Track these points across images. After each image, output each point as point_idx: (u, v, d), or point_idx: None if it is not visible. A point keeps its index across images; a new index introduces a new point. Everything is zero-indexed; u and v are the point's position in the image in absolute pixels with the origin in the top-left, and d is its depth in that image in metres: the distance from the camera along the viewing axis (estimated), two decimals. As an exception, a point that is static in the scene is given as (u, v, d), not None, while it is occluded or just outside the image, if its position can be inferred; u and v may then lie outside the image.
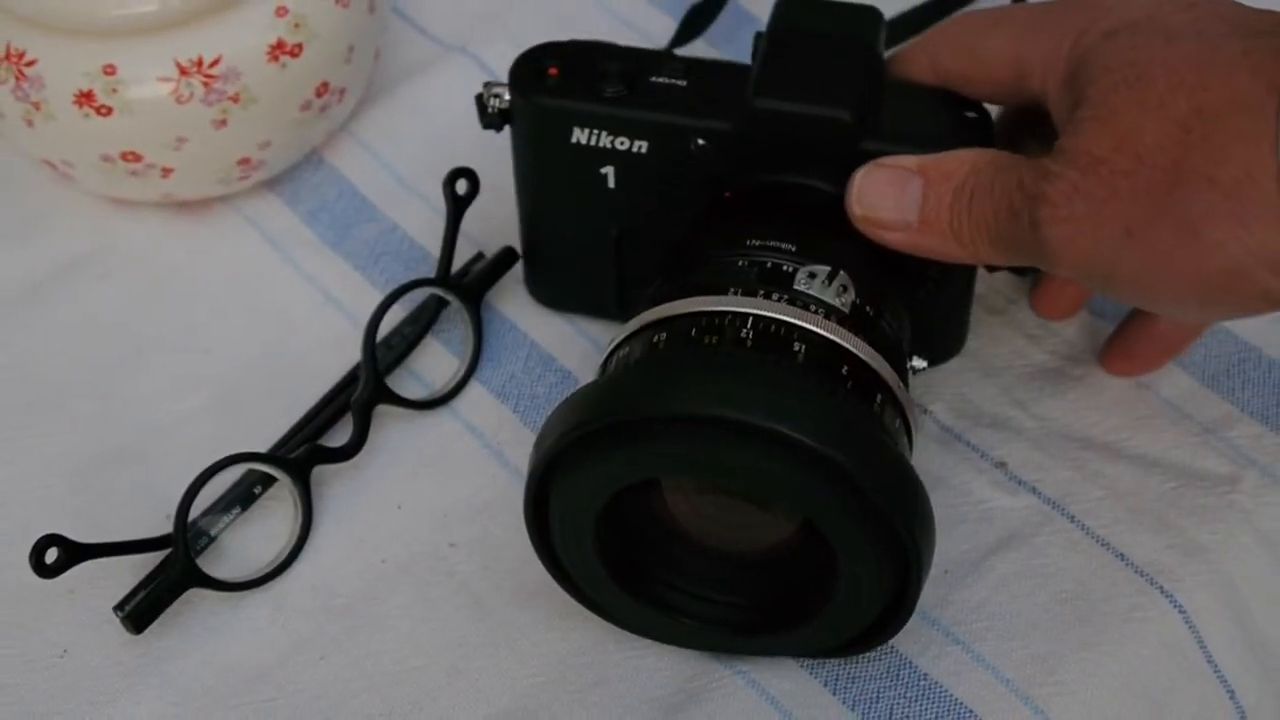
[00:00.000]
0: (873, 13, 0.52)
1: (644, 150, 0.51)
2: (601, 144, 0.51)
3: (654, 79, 0.51)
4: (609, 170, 0.52)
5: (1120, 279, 0.44)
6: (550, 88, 0.52)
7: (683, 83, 0.51)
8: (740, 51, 0.54)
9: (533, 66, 0.52)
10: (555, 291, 0.58)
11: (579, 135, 0.51)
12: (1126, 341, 0.55)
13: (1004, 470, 0.53)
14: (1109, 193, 0.43)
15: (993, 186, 0.46)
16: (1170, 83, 0.42)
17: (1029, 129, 0.51)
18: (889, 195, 0.47)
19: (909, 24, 0.64)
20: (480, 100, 0.53)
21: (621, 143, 0.51)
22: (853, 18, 0.51)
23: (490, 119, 0.53)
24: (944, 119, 0.50)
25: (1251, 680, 0.50)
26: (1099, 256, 0.44)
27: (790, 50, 0.51)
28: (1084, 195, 0.43)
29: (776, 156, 0.50)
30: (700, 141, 0.50)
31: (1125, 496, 0.52)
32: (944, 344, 0.55)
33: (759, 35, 0.51)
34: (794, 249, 0.48)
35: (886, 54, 0.52)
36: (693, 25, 0.65)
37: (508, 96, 0.53)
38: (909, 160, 0.48)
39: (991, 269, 0.53)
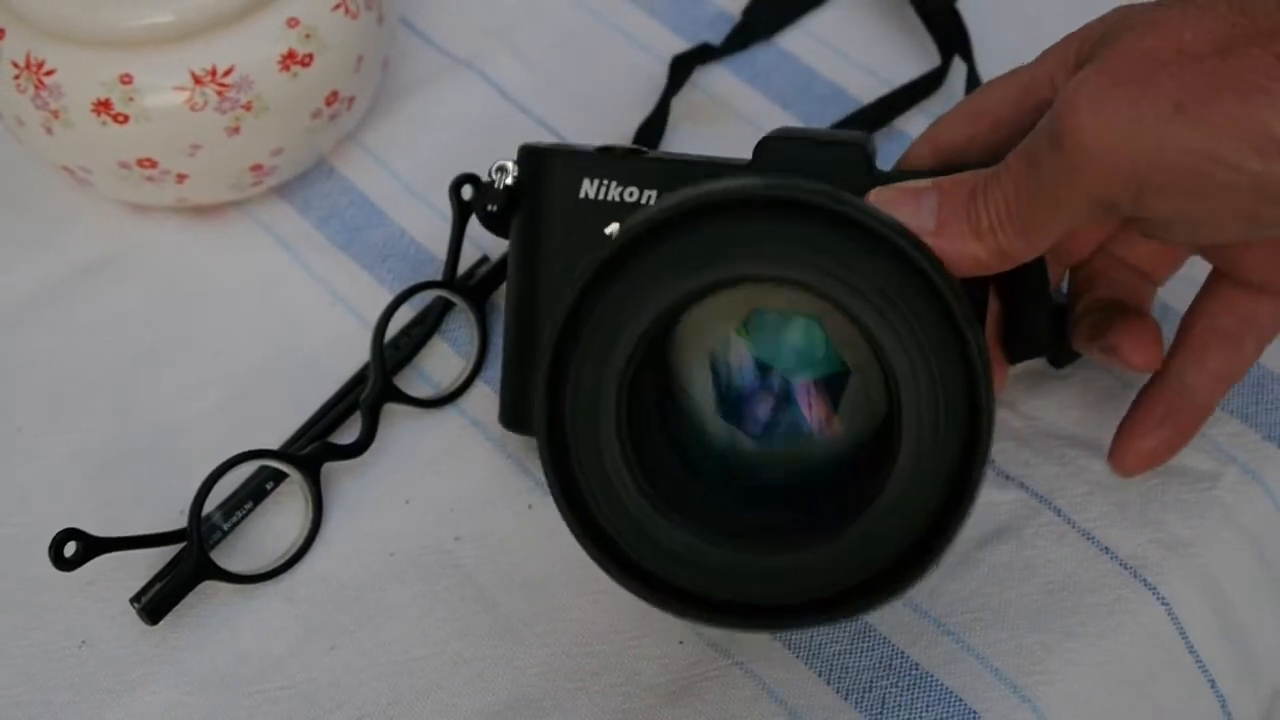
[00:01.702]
0: (865, 137, 0.50)
1: (652, 200, 0.49)
2: (610, 196, 0.50)
3: (662, 152, 0.50)
4: (615, 229, 0.50)
5: (1166, 160, 0.40)
6: (557, 151, 0.51)
7: (692, 156, 0.50)
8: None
9: (538, 144, 0.52)
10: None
11: (588, 189, 0.50)
12: (1147, 415, 0.50)
13: (992, 466, 0.53)
14: (1150, 79, 0.40)
15: (1004, 165, 0.44)
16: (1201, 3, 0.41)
17: None
18: (905, 206, 0.45)
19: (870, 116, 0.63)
20: (481, 185, 0.52)
21: (630, 194, 0.49)
22: (844, 131, 0.51)
23: (487, 195, 0.52)
24: None
25: (1231, 669, 0.51)
26: (1141, 139, 0.40)
27: (799, 131, 0.50)
28: (1120, 84, 0.40)
29: None
30: None
31: (1110, 492, 0.52)
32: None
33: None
34: None
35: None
36: (680, 72, 0.65)
37: (514, 170, 0.52)
38: (923, 180, 0.46)
39: (1015, 357, 0.51)
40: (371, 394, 0.55)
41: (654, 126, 0.63)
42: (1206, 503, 0.52)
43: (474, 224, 0.58)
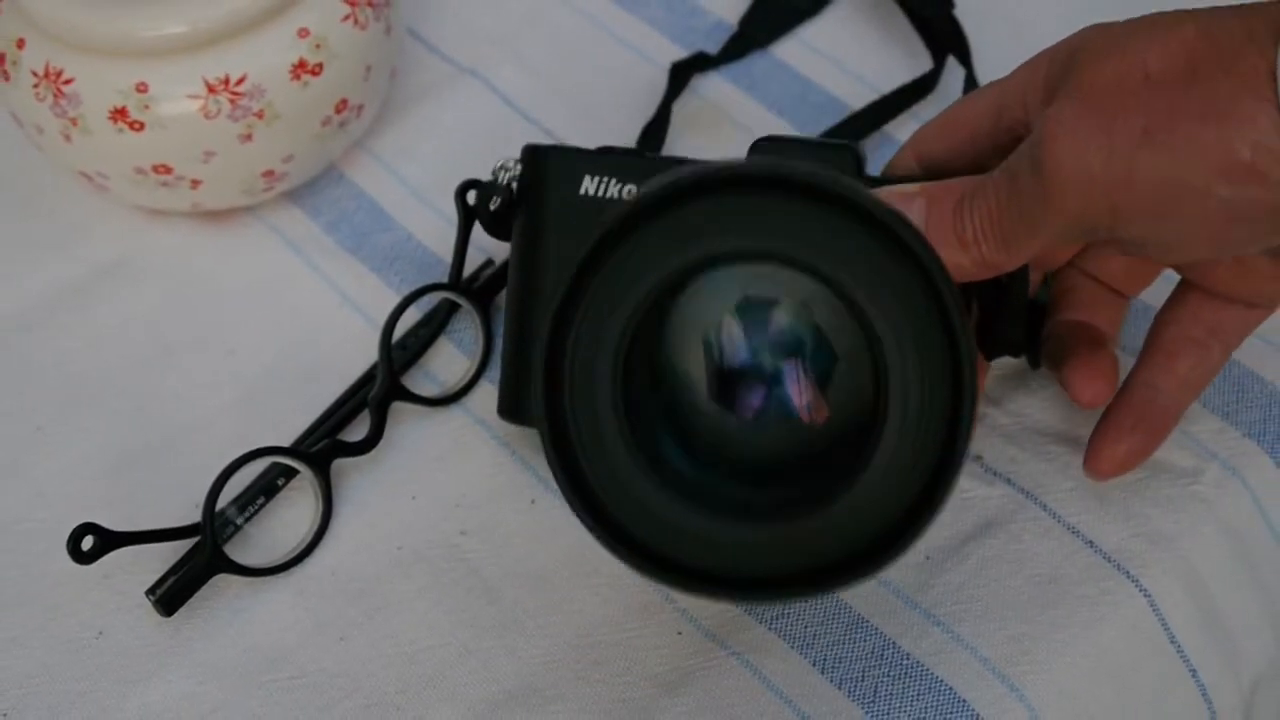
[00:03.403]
0: (850, 144, 0.51)
1: None
2: (610, 193, 0.50)
3: (660, 155, 0.50)
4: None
5: (1138, 189, 0.40)
6: (558, 150, 0.51)
7: (690, 159, 0.49)
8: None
9: (541, 145, 0.52)
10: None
11: (589, 185, 0.50)
12: (1119, 421, 0.50)
13: (980, 463, 0.53)
14: (1118, 106, 0.40)
15: (988, 179, 0.44)
16: (1169, 21, 0.41)
17: None
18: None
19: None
20: (482, 187, 0.52)
21: (629, 191, 0.50)
22: (830, 143, 0.51)
23: (491, 190, 0.52)
24: None
25: (1212, 659, 0.51)
26: (1113, 167, 0.40)
27: (789, 142, 0.50)
28: (1091, 114, 0.41)
29: None
30: None
31: (1094, 487, 0.52)
32: None
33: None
34: None
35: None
36: (679, 78, 0.65)
37: (516, 168, 0.52)
38: (912, 185, 0.46)
39: (990, 355, 0.51)
40: (379, 393, 0.55)
41: (656, 130, 0.63)
42: (1188, 498, 0.52)
43: (478, 227, 0.58)
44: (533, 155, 0.52)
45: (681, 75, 0.65)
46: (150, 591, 0.51)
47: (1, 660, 0.51)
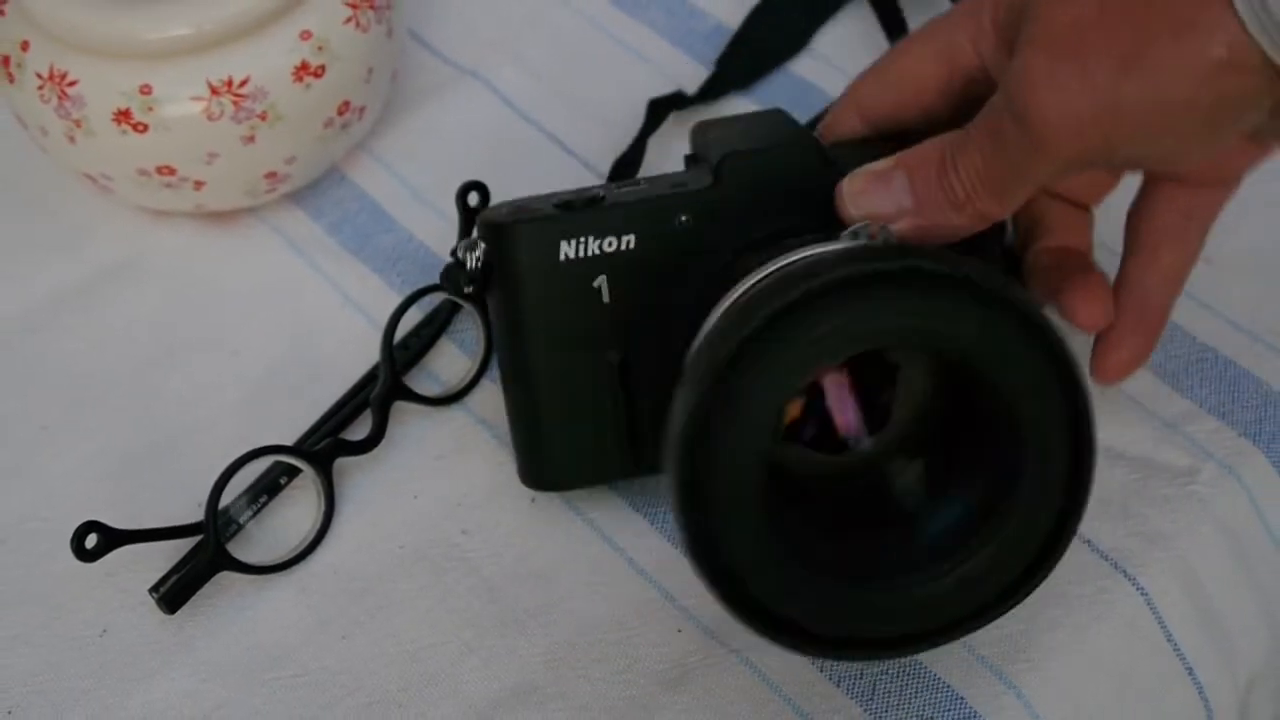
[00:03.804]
0: (777, 110, 0.51)
1: (632, 244, 0.48)
2: (590, 250, 0.48)
3: (614, 190, 0.49)
4: (601, 281, 0.48)
5: (1127, 115, 0.41)
6: (523, 218, 0.49)
7: (643, 185, 0.49)
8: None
9: (495, 213, 0.50)
10: (557, 463, 0.51)
11: (567, 250, 0.48)
12: (1118, 326, 0.51)
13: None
14: (1087, 44, 0.41)
15: (968, 137, 0.44)
16: None
17: None
18: (879, 191, 0.46)
19: None
20: (449, 272, 0.50)
21: (610, 243, 0.48)
22: (762, 115, 0.51)
23: (469, 277, 0.50)
24: (891, 152, 0.48)
25: (1208, 658, 0.51)
26: (1099, 104, 0.41)
27: (732, 130, 0.50)
28: (1064, 58, 0.41)
29: (756, 210, 0.48)
30: (684, 217, 0.48)
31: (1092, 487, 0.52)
32: None
33: (687, 157, 0.51)
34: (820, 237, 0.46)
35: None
36: (656, 114, 0.64)
37: (483, 246, 0.49)
38: (884, 161, 0.46)
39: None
40: (381, 392, 0.55)
41: (630, 164, 0.62)
42: (1185, 497, 0.52)
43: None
44: (498, 233, 0.49)
45: (658, 112, 0.64)
46: (154, 589, 0.51)
47: (6, 658, 0.51)
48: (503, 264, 0.49)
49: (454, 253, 0.50)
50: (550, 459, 0.51)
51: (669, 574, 0.52)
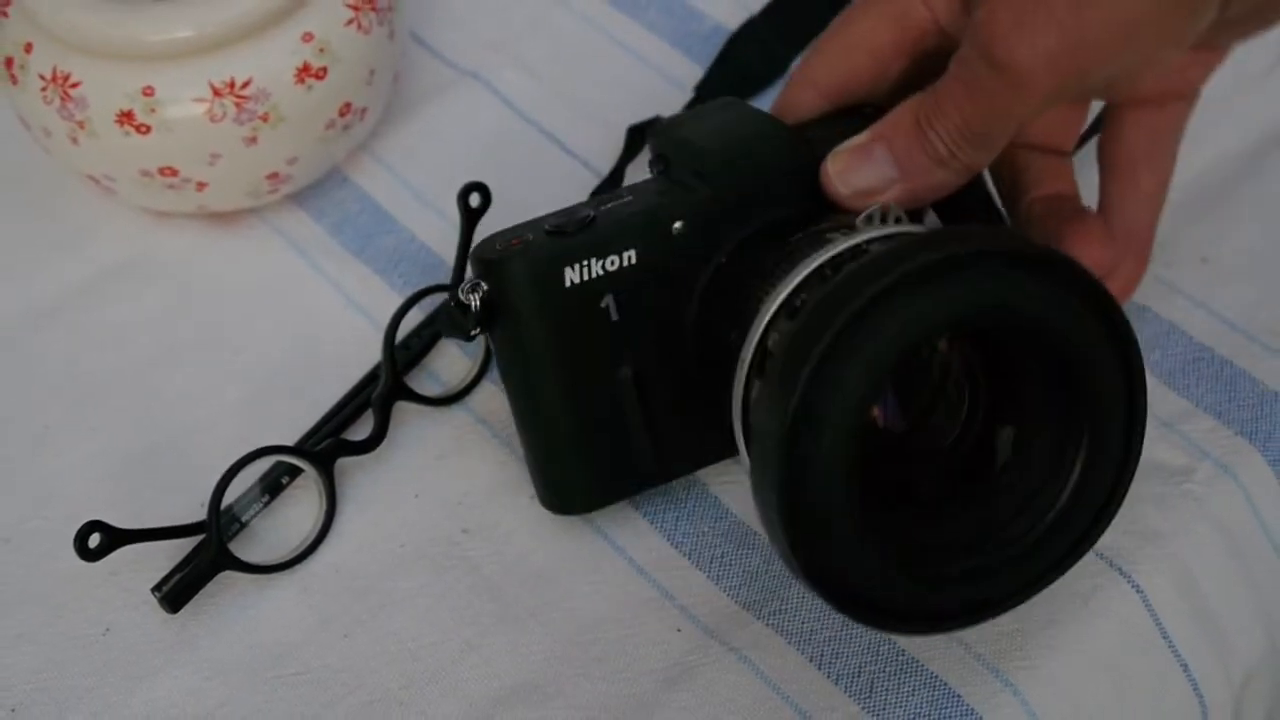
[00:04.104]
0: (731, 100, 0.52)
1: (634, 259, 0.48)
2: (594, 272, 0.48)
3: (601, 207, 0.49)
4: (609, 301, 0.48)
5: (1093, 41, 0.43)
6: (523, 251, 0.48)
7: (628, 198, 0.49)
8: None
9: (489, 249, 0.49)
10: (583, 486, 0.51)
11: (571, 275, 0.48)
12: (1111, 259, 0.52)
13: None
14: None
15: (940, 96, 0.45)
16: None
17: None
18: (863, 165, 0.47)
19: None
20: (450, 317, 0.49)
21: (612, 262, 0.48)
22: (720, 104, 0.51)
23: (475, 319, 0.49)
24: (858, 124, 0.49)
25: (1203, 655, 0.51)
26: (1067, 37, 0.43)
27: (700, 127, 0.50)
28: (1025, 1, 0.43)
29: (745, 205, 0.48)
30: (679, 224, 0.48)
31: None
32: None
33: (652, 162, 0.51)
34: (824, 222, 0.46)
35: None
36: (635, 141, 0.64)
37: (484, 285, 0.49)
38: (861, 136, 0.47)
39: None
40: (383, 392, 0.55)
41: (609, 189, 0.61)
42: (1180, 496, 0.52)
43: (481, 229, 0.58)
44: (499, 270, 0.48)
45: (636, 139, 0.64)
46: (156, 588, 0.51)
47: (10, 656, 0.51)
48: (509, 301, 0.48)
49: (453, 297, 0.49)
50: (577, 483, 0.51)
51: (668, 573, 0.52)
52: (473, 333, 0.49)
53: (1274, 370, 0.55)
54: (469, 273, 0.49)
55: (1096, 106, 0.55)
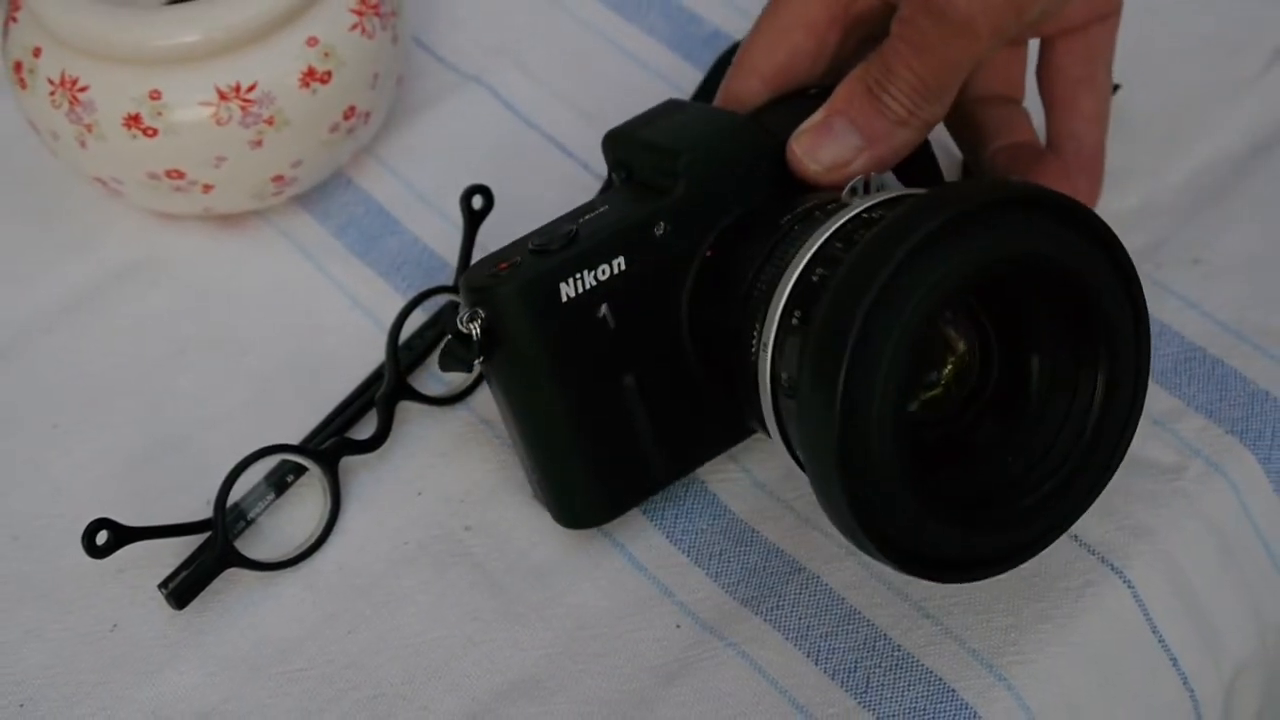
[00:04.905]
0: (672, 101, 0.52)
1: (623, 265, 0.48)
2: (587, 284, 0.48)
3: (581, 220, 0.49)
4: (605, 310, 0.48)
5: None
6: (516, 273, 0.48)
7: (603, 208, 0.50)
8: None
9: (480, 277, 0.48)
10: (595, 498, 0.51)
11: (567, 290, 0.48)
12: (1069, 181, 0.53)
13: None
14: None
15: (887, 58, 0.46)
16: None
17: None
18: (827, 141, 0.48)
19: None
20: (454, 352, 0.49)
21: (603, 271, 0.48)
22: (667, 106, 0.52)
23: (474, 349, 0.48)
24: (808, 105, 0.49)
25: (1193, 650, 0.51)
26: None
27: (658, 130, 0.51)
28: None
29: (721, 200, 0.49)
30: (661, 226, 0.48)
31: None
32: None
33: (613, 171, 0.52)
34: (809, 201, 0.47)
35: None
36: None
37: (482, 313, 0.48)
38: (816, 115, 0.48)
39: None
40: (386, 392, 0.55)
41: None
42: (1171, 493, 0.52)
43: (483, 231, 0.58)
44: (495, 297, 0.48)
45: None
46: (163, 585, 0.51)
47: (19, 652, 0.51)
48: (507, 326, 0.48)
49: (453, 330, 0.49)
50: (589, 497, 0.51)
51: (668, 570, 0.52)
52: (475, 363, 0.49)
53: (1265, 370, 0.55)
54: (462, 303, 0.49)
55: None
